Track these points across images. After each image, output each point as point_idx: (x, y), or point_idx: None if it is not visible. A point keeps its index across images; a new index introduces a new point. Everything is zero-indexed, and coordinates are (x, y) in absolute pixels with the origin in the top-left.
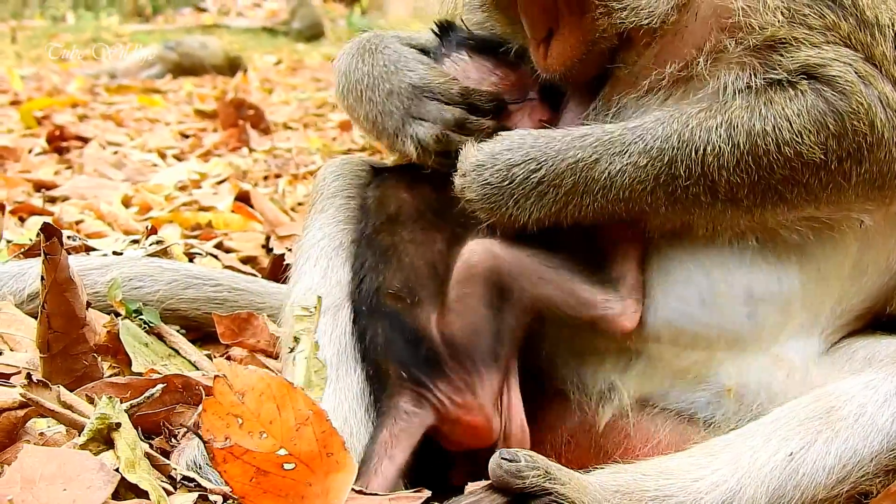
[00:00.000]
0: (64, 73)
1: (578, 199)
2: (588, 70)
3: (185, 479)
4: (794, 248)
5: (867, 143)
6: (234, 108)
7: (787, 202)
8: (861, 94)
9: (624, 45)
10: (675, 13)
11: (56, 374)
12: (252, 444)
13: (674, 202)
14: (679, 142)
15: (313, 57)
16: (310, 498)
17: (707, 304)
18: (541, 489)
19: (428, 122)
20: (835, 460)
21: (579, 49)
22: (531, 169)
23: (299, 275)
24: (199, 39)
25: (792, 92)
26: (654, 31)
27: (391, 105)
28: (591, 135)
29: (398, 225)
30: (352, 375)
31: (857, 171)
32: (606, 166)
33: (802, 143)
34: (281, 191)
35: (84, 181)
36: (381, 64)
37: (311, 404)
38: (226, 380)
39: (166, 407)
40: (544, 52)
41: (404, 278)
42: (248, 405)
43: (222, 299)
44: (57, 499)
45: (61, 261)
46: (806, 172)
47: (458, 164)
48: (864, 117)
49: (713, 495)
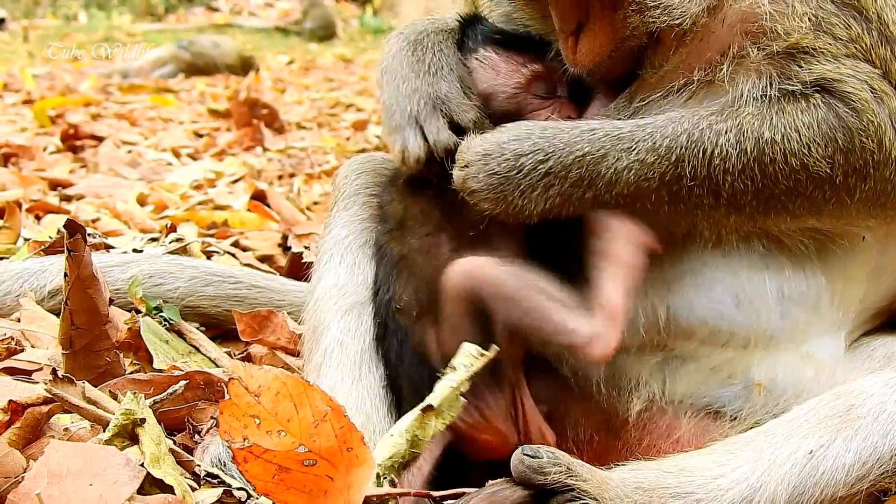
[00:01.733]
0: (76, 73)
1: (582, 192)
2: (615, 68)
3: (209, 475)
4: (816, 250)
5: (874, 161)
6: (247, 108)
7: (789, 212)
8: (873, 112)
9: (652, 45)
10: (706, 16)
11: (78, 371)
12: (271, 443)
13: (676, 202)
14: (688, 142)
15: (326, 57)
16: (332, 493)
17: (741, 304)
18: (562, 485)
19: (420, 138)
20: (854, 458)
21: (609, 45)
22: (539, 160)
23: (323, 272)
24: (212, 39)
25: (804, 104)
26: (683, 34)
27: (407, 101)
28: (600, 129)
29: (406, 232)
30: (374, 373)
31: (862, 188)
32: (613, 162)
33: (810, 156)
34: (296, 190)
35: (99, 180)
36: (425, 61)
37: (329, 400)
38: (241, 381)
39: (188, 403)
40: (573, 46)
41: (412, 292)
42: (264, 405)
43: (242, 297)
44: (83, 493)
45: (85, 257)
46: (810, 185)
47: (459, 156)
48: (873, 135)
49: (733, 492)
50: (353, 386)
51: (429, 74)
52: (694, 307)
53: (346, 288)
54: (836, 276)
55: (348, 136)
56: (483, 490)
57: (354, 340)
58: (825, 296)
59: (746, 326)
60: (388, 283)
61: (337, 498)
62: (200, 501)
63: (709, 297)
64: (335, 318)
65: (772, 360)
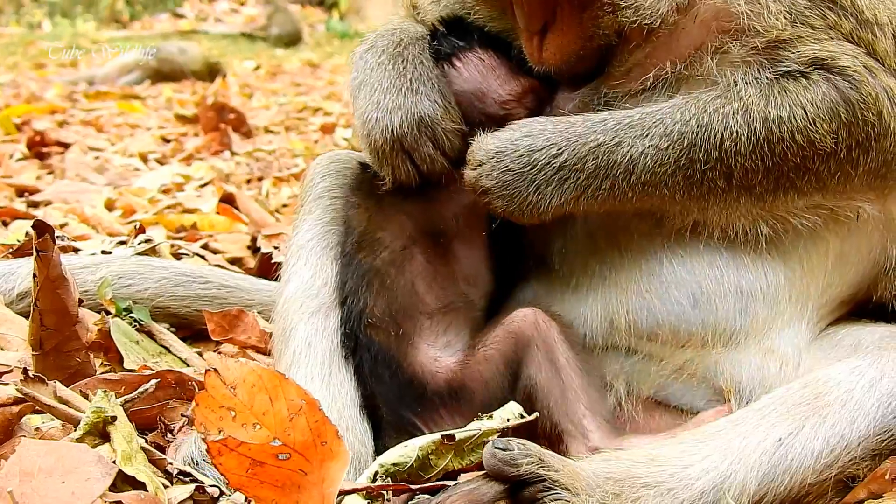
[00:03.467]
0: (42, 80)
1: (599, 182)
2: (581, 65)
3: (182, 473)
4: (774, 245)
5: (875, 133)
6: (215, 112)
7: (797, 189)
8: (869, 83)
9: (619, 42)
10: (676, 14)
11: (49, 371)
12: (246, 435)
13: (690, 187)
14: (698, 126)
15: (292, 62)
16: (306, 487)
17: (699, 304)
18: (535, 476)
19: (411, 164)
20: (823, 445)
21: (576, 44)
22: (553, 154)
23: (290, 275)
24: (178, 45)
25: (805, 82)
26: (652, 31)
27: (389, 119)
28: (611, 119)
29: (376, 244)
30: (344, 373)
31: (864, 160)
32: (628, 149)
33: (816, 132)
34: (265, 192)
35: (66, 185)
36: (406, 75)
37: (304, 394)
38: (217, 373)
39: (160, 402)
40: (539, 46)
41: (386, 305)
42: (240, 397)
43: (212, 296)
44: (55, 491)
45: (54, 257)
46: (817, 160)
47: (471, 155)
48: (872, 107)
49: (703, 481)
50: (324, 384)
51: (411, 92)
52: (652, 310)
53: (312, 290)
54: (795, 270)
55: (316, 139)
56: (459, 487)
57: (323, 341)
58: (785, 290)
59: (705, 326)
60: (357, 293)
61: (310, 492)
62: (173, 498)
63: (667, 299)
64: (302, 320)
65: (734, 357)
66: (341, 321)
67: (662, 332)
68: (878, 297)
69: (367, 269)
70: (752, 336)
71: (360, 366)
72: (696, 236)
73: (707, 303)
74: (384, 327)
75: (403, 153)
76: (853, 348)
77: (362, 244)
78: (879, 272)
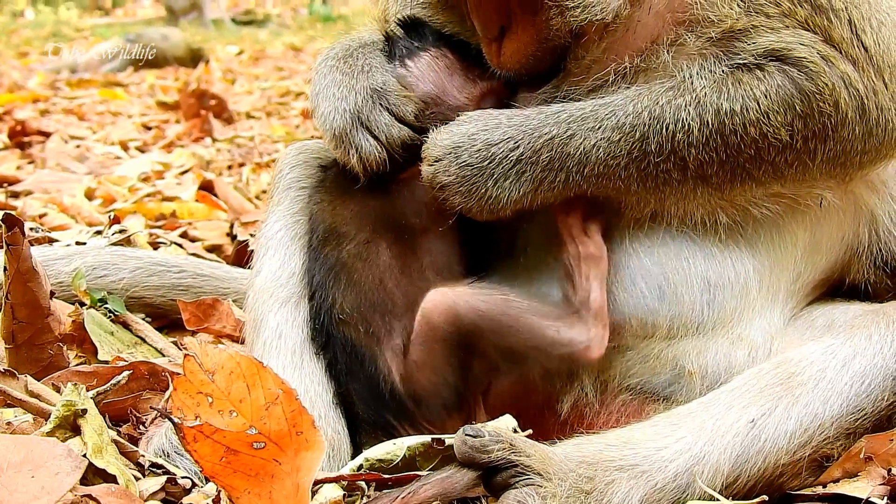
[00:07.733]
0: (24, 69)
1: (554, 175)
2: (540, 65)
3: (154, 465)
4: (739, 234)
5: (832, 123)
6: (196, 99)
7: (754, 179)
8: (825, 73)
9: (575, 40)
10: (628, 7)
11: (22, 365)
12: (222, 422)
13: (645, 178)
14: (650, 118)
15: (275, 46)
16: (280, 476)
17: (666, 296)
18: (506, 462)
19: (373, 138)
20: (796, 425)
21: (533, 46)
22: (510, 147)
23: (260, 265)
24: (161, 31)
25: (760, 73)
26: (606, 26)
27: (344, 100)
28: (564, 111)
29: (342, 237)
30: (316, 362)
31: (822, 150)
32: (581, 142)
33: (769, 124)
34: (245, 179)
35: (47, 175)
36: (357, 64)
37: (281, 383)
38: (196, 358)
39: (133, 394)
40: (497, 50)
41: (355, 301)
42: (217, 384)
43: (187, 286)
44: (25, 486)
45: (24, 251)
46: (773, 151)
47: (427, 151)
48: (828, 98)
49: (677, 463)
50: (296, 373)
51: (362, 73)
52: (619, 302)
53: (281, 280)
54: (763, 260)
55: (297, 123)
56: (433, 475)
57: (293, 331)
58: (755, 280)
59: (671, 317)
60: (325, 287)
61: (283, 481)
62: (144, 490)
63: (633, 291)
64: (272, 311)
65: (701, 347)
66: (310, 315)
67: (630, 324)
68: (850, 279)
69: (333, 263)
70: (721, 326)
71: (334, 362)
72: (661, 227)
73: (674, 294)
74: (354, 324)
75: (363, 128)
76: (826, 328)
77: (328, 238)
78: (853, 256)
